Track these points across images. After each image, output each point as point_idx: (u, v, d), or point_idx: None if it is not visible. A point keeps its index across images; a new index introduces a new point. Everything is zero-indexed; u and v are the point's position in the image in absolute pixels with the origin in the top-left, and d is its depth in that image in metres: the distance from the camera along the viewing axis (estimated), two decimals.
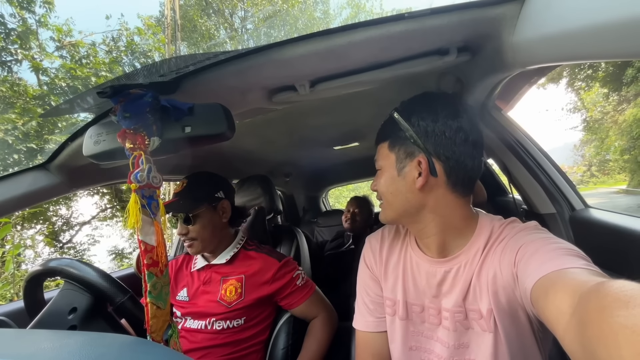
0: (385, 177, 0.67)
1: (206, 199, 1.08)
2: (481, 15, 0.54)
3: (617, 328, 0.26)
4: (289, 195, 2.66)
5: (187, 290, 1.07)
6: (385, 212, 0.69)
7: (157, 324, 0.57)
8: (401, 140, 0.65)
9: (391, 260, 0.75)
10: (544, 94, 22.56)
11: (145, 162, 0.57)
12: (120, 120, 0.57)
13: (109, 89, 0.54)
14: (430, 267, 0.67)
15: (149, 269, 0.56)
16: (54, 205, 6.83)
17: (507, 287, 0.56)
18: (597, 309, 0.30)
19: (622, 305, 0.27)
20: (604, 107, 15.43)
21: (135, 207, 0.55)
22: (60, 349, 0.35)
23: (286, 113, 1.22)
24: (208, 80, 0.66)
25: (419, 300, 0.69)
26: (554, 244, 0.52)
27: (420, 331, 0.69)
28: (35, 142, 5.66)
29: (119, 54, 7.81)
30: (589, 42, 0.39)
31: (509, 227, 0.64)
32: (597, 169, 20.40)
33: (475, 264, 0.61)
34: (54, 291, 1.26)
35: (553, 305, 0.39)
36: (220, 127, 0.61)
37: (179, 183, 1.10)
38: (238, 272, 1.07)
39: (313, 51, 0.61)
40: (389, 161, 0.67)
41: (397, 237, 0.78)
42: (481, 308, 0.60)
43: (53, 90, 6.28)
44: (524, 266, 0.51)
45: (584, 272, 0.42)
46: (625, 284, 0.30)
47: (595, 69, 13.44)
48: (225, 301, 1.02)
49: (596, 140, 17.66)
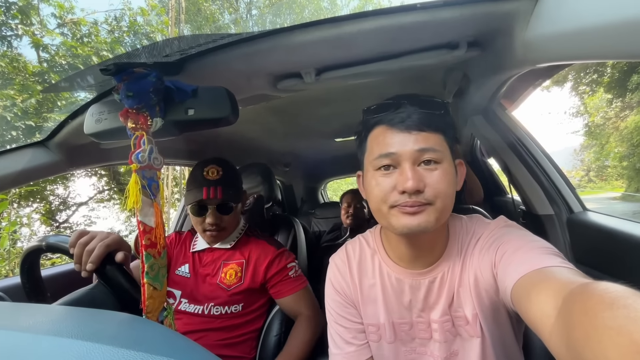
0: (448, 172, 0.54)
1: (242, 187, 1.11)
2: (494, 10, 0.53)
3: (602, 329, 0.26)
4: (288, 185, 2.65)
5: (188, 267, 1.07)
6: (434, 215, 0.53)
7: (153, 304, 0.57)
8: (451, 137, 0.58)
9: (365, 282, 0.67)
10: (548, 96, 22.46)
11: (147, 142, 0.57)
12: (123, 99, 0.56)
13: (113, 67, 0.53)
14: (413, 280, 0.62)
15: (147, 250, 0.56)
16: (51, 184, 6.80)
17: (489, 289, 0.55)
18: (582, 311, 0.30)
19: (607, 306, 0.27)
20: (607, 113, 15.39)
21: (135, 187, 0.54)
22: (57, 323, 0.35)
23: (289, 102, 1.21)
24: (213, 63, 0.65)
25: (406, 318, 0.64)
26: (531, 242, 0.52)
27: (412, 348, 0.65)
28: (34, 120, 5.60)
29: (121, 34, 7.69)
30: (604, 41, 0.38)
31: (478, 224, 0.63)
32: (595, 175, 20.49)
33: (457, 268, 0.60)
34: (48, 269, 1.26)
35: (537, 307, 0.39)
36: (224, 111, 0.60)
37: (210, 170, 1.03)
38: (239, 256, 1.08)
39: (321, 38, 0.60)
40: (448, 155, 0.56)
41: (364, 254, 0.69)
42: (466, 313, 0.59)
43: (53, 68, 6.19)
44: (503, 266, 0.51)
45: (563, 270, 0.43)
46: (609, 286, 0.30)
47: (601, 73, 13.36)
48: (225, 284, 1.03)
49: (596, 145, 17.67)
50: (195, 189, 1.01)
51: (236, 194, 1.06)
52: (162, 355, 0.27)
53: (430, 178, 0.53)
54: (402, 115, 0.55)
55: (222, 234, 1.07)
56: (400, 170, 0.54)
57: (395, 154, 0.54)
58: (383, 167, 0.56)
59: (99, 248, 0.65)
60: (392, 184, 0.54)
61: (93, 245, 0.66)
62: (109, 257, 0.67)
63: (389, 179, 0.55)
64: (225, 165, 1.06)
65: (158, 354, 0.27)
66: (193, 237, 1.15)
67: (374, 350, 0.67)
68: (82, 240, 0.67)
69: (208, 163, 1.05)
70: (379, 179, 0.56)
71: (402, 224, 0.53)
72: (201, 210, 1.02)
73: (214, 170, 1.03)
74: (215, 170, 1.03)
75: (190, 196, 1.01)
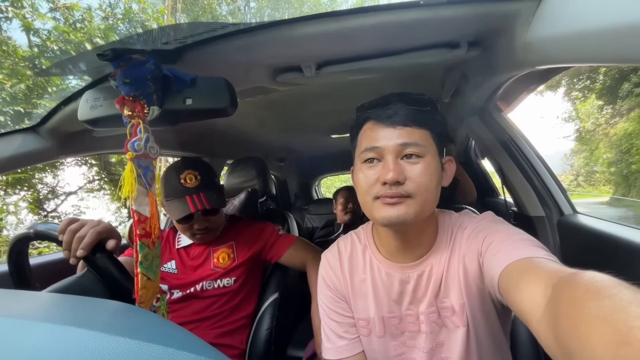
0: (430, 166, 0.56)
1: (220, 185, 1.10)
2: (496, 10, 0.53)
3: (589, 319, 0.27)
4: (282, 180, 2.65)
5: (175, 263, 1.07)
6: (414, 208, 0.55)
7: (146, 294, 0.56)
8: (438, 133, 0.59)
9: (356, 277, 0.68)
10: (541, 100, 22.77)
11: (144, 131, 0.56)
12: (120, 85, 0.55)
13: (110, 52, 0.52)
14: (402, 273, 0.63)
15: (141, 240, 0.55)
16: (39, 172, 6.66)
17: (477, 278, 0.57)
18: (569, 300, 0.30)
19: (593, 296, 0.28)
20: (597, 119, 15.67)
21: (130, 176, 0.53)
22: (49, 309, 0.35)
23: (287, 96, 1.20)
24: (213, 53, 0.65)
25: (396, 312, 0.65)
26: (518, 234, 0.53)
27: (402, 342, 0.66)
28: (23, 106, 5.46)
29: (115, 22, 7.51)
30: (607, 45, 0.39)
31: (467, 217, 0.65)
32: (583, 179, 20.88)
33: (444, 260, 0.61)
34: (36, 258, 1.24)
35: (525, 296, 0.40)
36: (222, 101, 0.60)
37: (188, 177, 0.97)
38: (226, 240, 1.10)
39: (323, 32, 0.59)
40: (433, 150, 0.58)
41: (355, 249, 0.71)
42: (453, 304, 0.60)
43: (44, 53, 6.03)
44: (490, 254, 0.52)
45: (549, 262, 0.44)
46: (596, 275, 0.30)
47: (593, 80, 13.58)
48: (220, 267, 1.04)
49: (586, 151, 18.00)
50: (177, 200, 0.96)
51: (220, 196, 1.04)
52: (158, 343, 0.27)
53: (412, 171, 0.55)
54: (389, 111, 0.58)
55: (211, 234, 1.07)
56: (383, 162, 0.57)
57: (380, 148, 0.57)
58: (368, 159, 0.59)
59: (90, 235, 0.63)
60: (376, 176, 0.56)
61: (84, 232, 0.64)
62: (99, 245, 0.65)
63: (373, 171, 0.57)
64: (200, 167, 1.01)
65: (154, 342, 0.27)
66: (176, 234, 1.14)
67: (364, 344, 0.68)
68: (73, 227, 0.65)
69: (182, 169, 0.98)
70: (365, 172, 0.59)
71: (382, 215, 0.56)
72: (186, 218, 0.98)
73: (192, 176, 0.97)
74: (192, 175, 0.97)
75: (175, 209, 0.95)
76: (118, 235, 0.71)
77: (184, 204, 0.94)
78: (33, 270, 0.79)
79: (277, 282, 1.18)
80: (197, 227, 1.00)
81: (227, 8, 11.09)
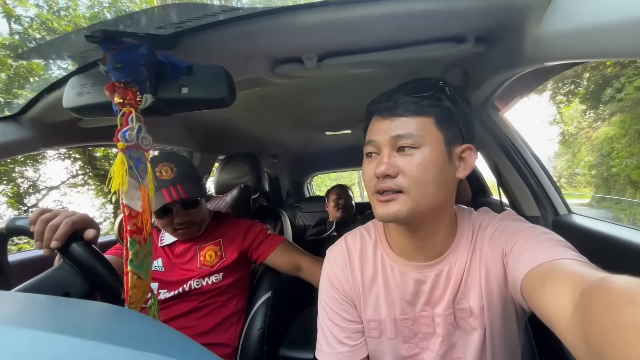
0: (430, 157, 0.52)
1: (200, 177, 1.07)
2: (508, 3, 0.52)
3: (623, 326, 0.25)
4: (274, 177, 2.61)
5: (162, 261, 1.03)
6: (408, 204, 0.52)
7: (136, 294, 0.53)
8: (447, 119, 0.54)
9: (366, 276, 0.64)
10: (527, 104, 23.32)
11: (136, 120, 0.52)
12: (110, 71, 0.51)
13: (100, 33, 0.48)
14: (418, 273, 0.60)
15: (132, 236, 0.52)
16: (19, 165, 6.41)
17: (500, 280, 0.55)
18: (601, 305, 0.29)
19: (628, 301, 0.27)
20: (580, 123, 16.16)
21: (121, 168, 0.50)
22: (30, 313, 0.31)
23: (283, 90, 1.17)
24: (210, 40, 0.61)
25: (409, 314, 0.62)
26: (544, 234, 0.51)
27: (414, 344, 0.63)
28: (3, 96, 5.23)
29: (101, 10, 7.28)
30: (622, 39, 0.38)
31: (487, 215, 0.63)
32: (565, 181, 21.51)
33: (465, 260, 0.58)
34: (14, 255, 1.18)
35: (551, 299, 0.38)
36: (220, 91, 0.57)
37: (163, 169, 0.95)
38: (212, 237, 1.07)
39: (328, 21, 0.57)
40: (436, 139, 0.53)
41: (365, 245, 0.66)
42: (472, 305, 0.58)
43: (25, 41, 5.79)
44: (514, 255, 0.50)
45: (578, 264, 0.41)
46: (630, 280, 0.29)
47: (577, 84, 13.98)
48: (207, 265, 1.01)
49: (569, 154, 18.55)
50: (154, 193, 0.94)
51: (198, 187, 1.01)
52: (155, 352, 0.24)
53: (404, 164, 0.52)
54: (388, 103, 0.56)
55: (193, 229, 1.03)
56: (380, 156, 0.56)
57: (375, 142, 0.56)
58: (368, 154, 0.58)
59: (64, 225, 0.58)
60: (373, 170, 0.55)
61: (57, 222, 0.59)
62: (75, 234, 0.61)
63: (371, 165, 0.57)
64: (176, 160, 1.00)
65: (149, 350, 0.24)
66: (159, 232, 1.09)
67: (374, 345, 0.64)
68: (45, 217, 0.59)
69: (157, 162, 0.96)
70: (365, 166, 0.58)
71: (376, 212, 0.55)
72: (166, 212, 0.95)
73: (167, 169, 0.95)
74: (168, 167, 0.96)
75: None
76: (96, 225, 0.66)
77: (160, 196, 0.91)
78: (13, 268, 0.74)
79: (269, 281, 1.16)
80: (178, 222, 0.97)
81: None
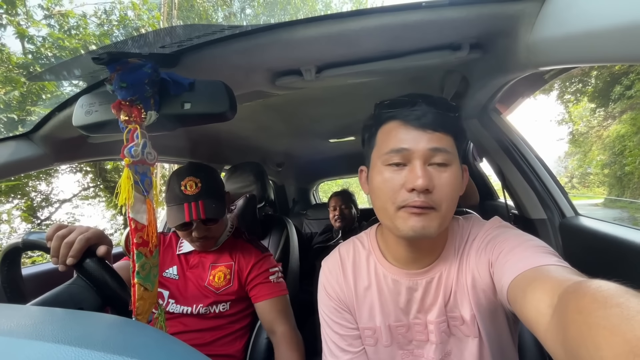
0: (457, 175, 0.54)
1: (224, 193, 1.05)
2: (500, 11, 0.53)
3: (596, 329, 0.26)
4: (280, 185, 2.63)
5: (177, 269, 1.04)
6: (437, 221, 0.53)
7: (143, 306, 0.54)
8: (461, 140, 0.57)
9: (360, 284, 0.65)
10: (535, 104, 23.07)
11: (141, 136, 0.55)
12: (116, 90, 0.54)
13: (106, 55, 0.50)
14: (409, 280, 0.61)
15: (139, 249, 0.53)
16: (33, 180, 6.57)
17: (487, 289, 0.55)
18: (576, 309, 0.30)
19: (600, 305, 0.27)
20: (590, 122, 15.88)
21: (127, 182, 0.52)
22: (40, 325, 0.33)
23: (285, 100, 1.19)
24: (211, 57, 0.63)
25: (403, 320, 0.63)
26: (527, 241, 0.52)
27: (409, 351, 0.64)
28: (17, 113, 5.41)
29: (110, 28, 7.51)
30: (612, 44, 0.38)
31: (474, 224, 0.63)
32: (578, 181, 21.09)
33: (454, 269, 0.59)
34: (28, 268, 1.21)
35: (532, 305, 0.39)
36: (221, 106, 0.58)
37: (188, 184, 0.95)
38: (226, 259, 1.06)
39: (324, 34, 0.58)
40: (457, 160, 0.55)
41: (358, 255, 0.68)
42: (463, 314, 0.59)
43: (38, 60, 6.00)
44: (500, 264, 0.51)
45: (558, 269, 0.43)
46: (602, 284, 0.30)
47: (585, 83, 13.78)
48: (213, 287, 1.01)
49: (580, 153, 18.20)
50: (175, 206, 0.94)
51: (219, 206, 0.99)
52: None
53: (439, 180, 0.52)
54: (417, 112, 0.54)
55: (211, 242, 1.04)
56: (410, 167, 0.53)
57: (408, 151, 0.53)
58: (394, 163, 0.54)
59: (79, 241, 0.60)
60: (401, 182, 0.53)
61: (72, 238, 0.61)
62: (89, 251, 0.63)
63: (398, 176, 0.53)
64: (203, 174, 0.98)
65: None
66: (178, 239, 1.11)
67: (370, 354, 0.65)
68: (60, 233, 0.62)
69: (184, 175, 0.96)
70: (387, 175, 0.55)
71: (408, 226, 0.52)
72: (185, 225, 0.96)
73: (192, 183, 0.95)
74: (193, 182, 0.95)
75: (172, 216, 0.94)
76: (109, 241, 0.68)
77: (181, 211, 0.92)
78: (26, 281, 0.76)
79: None
80: (196, 235, 0.97)
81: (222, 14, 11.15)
